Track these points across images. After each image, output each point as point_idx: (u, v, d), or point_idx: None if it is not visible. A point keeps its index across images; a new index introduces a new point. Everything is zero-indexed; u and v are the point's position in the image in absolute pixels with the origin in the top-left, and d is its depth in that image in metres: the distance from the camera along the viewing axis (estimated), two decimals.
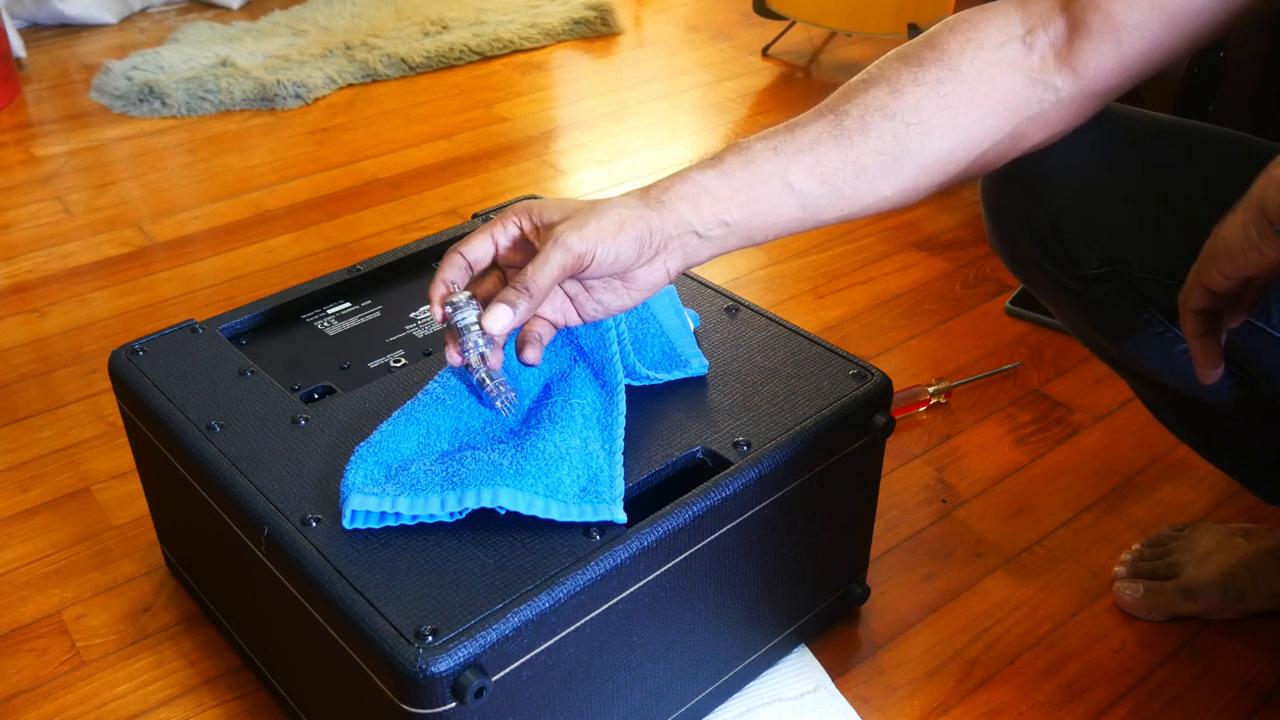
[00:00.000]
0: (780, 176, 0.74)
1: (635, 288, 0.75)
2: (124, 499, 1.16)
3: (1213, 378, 0.73)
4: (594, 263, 0.70)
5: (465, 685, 0.66)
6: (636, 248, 0.71)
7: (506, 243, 0.75)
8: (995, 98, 0.74)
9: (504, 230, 0.74)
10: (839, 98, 0.76)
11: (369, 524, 0.75)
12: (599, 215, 0.71)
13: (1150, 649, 0.97)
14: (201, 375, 0.91)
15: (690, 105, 2.11)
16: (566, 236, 0.70)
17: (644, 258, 0.72)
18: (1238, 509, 1.12)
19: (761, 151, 0.74)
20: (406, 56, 2.26)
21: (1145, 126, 0.82)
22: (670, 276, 0.75)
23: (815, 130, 0.74)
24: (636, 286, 0.75)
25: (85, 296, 1.52)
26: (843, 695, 0.93)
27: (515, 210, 0.74)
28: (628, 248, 0.71)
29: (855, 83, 0.76)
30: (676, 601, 0.80)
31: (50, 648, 0.99)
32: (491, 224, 0.74)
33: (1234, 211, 0.64)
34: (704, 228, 0.74)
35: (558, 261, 0.70)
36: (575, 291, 0.76)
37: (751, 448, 0.82)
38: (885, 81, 0.75)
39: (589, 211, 0.71)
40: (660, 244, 0.73)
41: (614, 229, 0.70)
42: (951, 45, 0.75)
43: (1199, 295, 0.69)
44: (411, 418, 0.80)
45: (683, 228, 0.73)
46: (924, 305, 1.47)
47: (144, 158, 1.91)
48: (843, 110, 0.75)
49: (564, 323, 0.77)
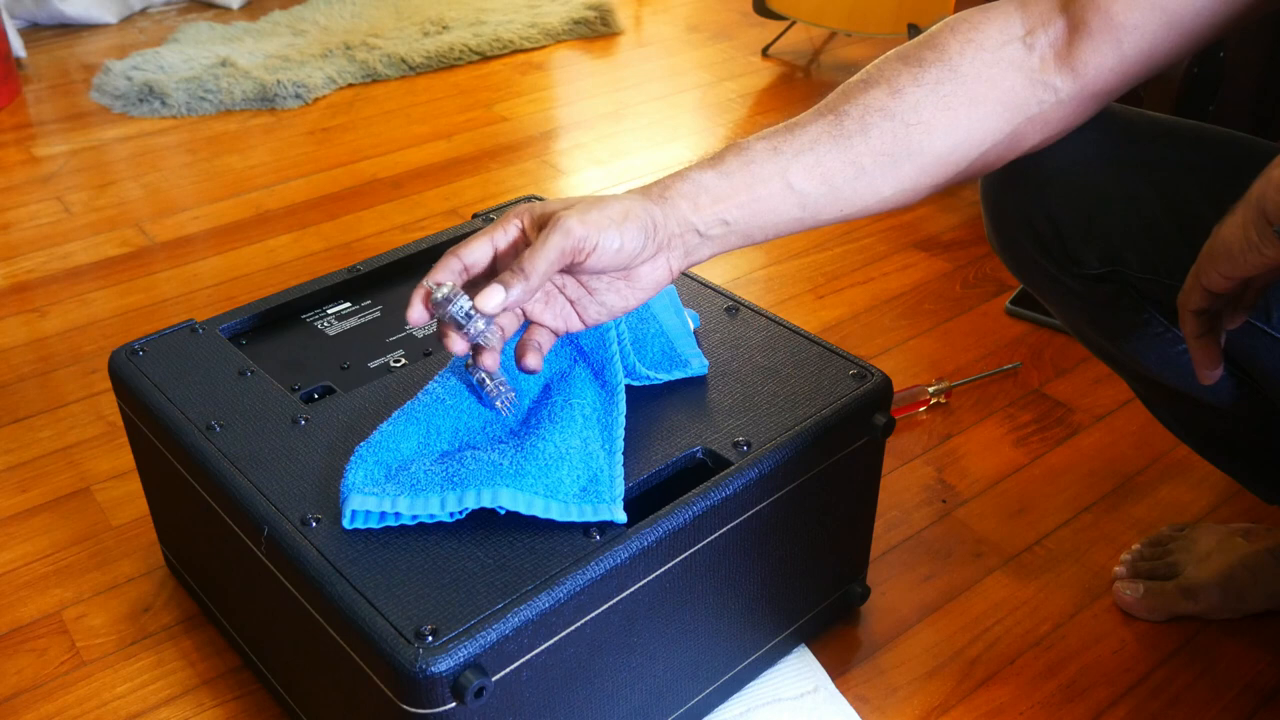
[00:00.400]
0: (780, 176, 0.73)
1: (639, 286, 0.75)
2: (124, 499, 1.16)
3: (1212, 378, 0.73)
4: (597, 249, 0.69)
5: (465, 685, 0.66)
6: (642, 238, 0.71)
7: (505, 246, 0.74)
8: (995, 98, 0.74)
9: (504, 233, 0.73)
10: (838, 98, 0.76)
11: (369, 524, 0.75)
12: (602, 205, 0.70)
13: (1150, 649, 0.97)
14: (201, 375, 0.91)
15: (690, 105, 2.11)
16: (567, 220, 0.69)
17: (648, 251, 0.72)
18: (1238, 509, 1.12)
19: (761, 151, 0.74)
20: (406, 56, 2.26)
21: (1145, 126, 0.82)
22: (673, 274, 0.75)
23: (815, 130, 0.74)
24: (640, 285, 0.75)
25: (85, 296, 1.52)
26: (843, 695, 0.93)
27: (515, 212, 0.74)
28: (633, 237, 0.70)
29: (855, 83, 0.76)
30: (676, 601, 0.80)
31: (50, 648, 0.99)
32: (491, 227, 0.74)
33: (1233, 212, 0.64)
34: (704, 226, 0.74)
35: (556, 245, 0.68)
36: (578, 295, 0.76)
37: (751, 448, 0.82)
38: (885, 82, 0.75)
39: (593, 202, 0.71)
40: (664, 239, 0.72)
41: (618, 218, 0.70)
42: (951, 45, 0.75)
43: (1198, 296, 0.69)
44: (411, 418, 0.80)
45: (684, 226, 0.73)
46: (924, 305, 1.47)
47: (144, 158, 1.91)
48: (842, 110, 0.75)
49: (565, 328, 0.77)
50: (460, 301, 0.71)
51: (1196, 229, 0.69)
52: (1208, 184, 0.77)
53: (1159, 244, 0.78)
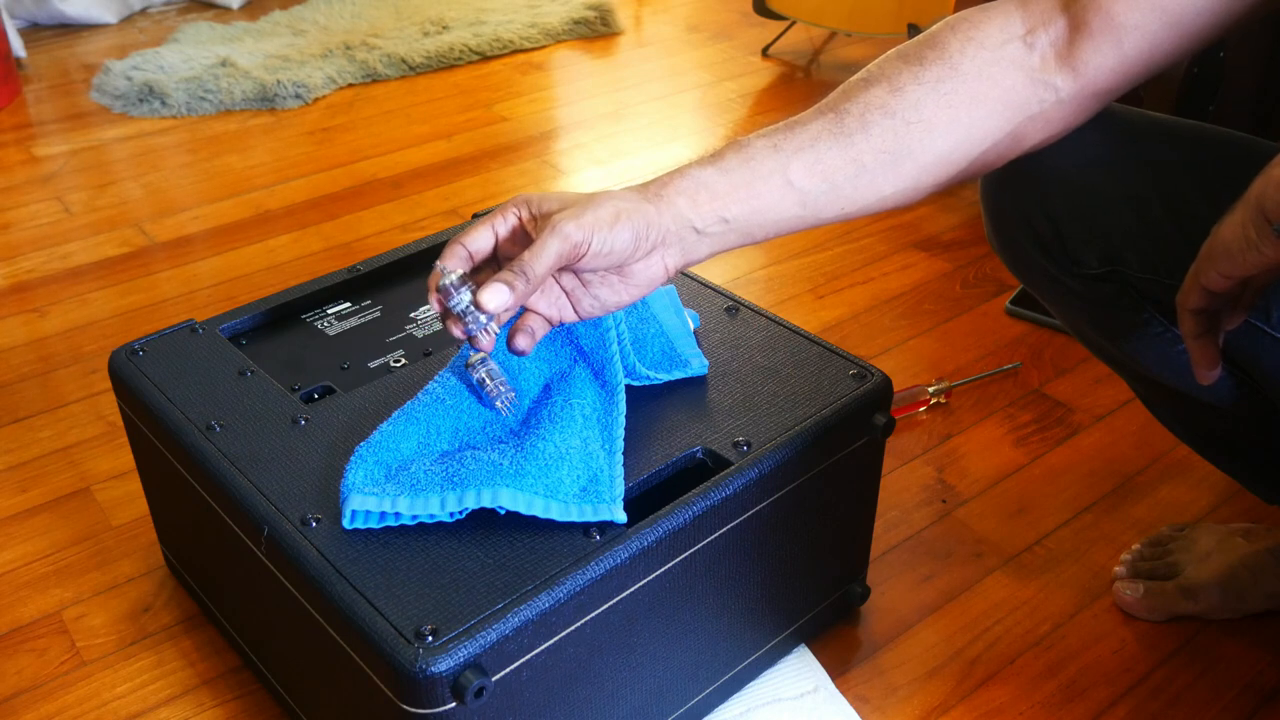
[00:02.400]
0: (780, 173, 0.74)
1: (633, 283, 0.75)
2: (124, 499, 1.16)
3: (1210, 378, 0.73)
4: (589, 252, 0.70)
5: (465, 685, 0.66)
6: (633, 240, 0.71)
7: (505, 233, 0.75)
8: (996, 97, 0.74)
9: (503, 221, 0.74)
10: (839, 96, 0.76)
11: (369, 524, 0.75)
12: (596, 205, 0.71)
13: (1150, 649, 0.97)
14: (201, 375, 0.91)
15: (690, 105, 2.11)
16: (564, 225, 0.70)
17: (640, 251, 0.72)
18: (1238, 509, 1.12)
19: (761, 149, 0.74)
20: (406, 56, 2.26)
21: (1145, 126, 0.82)
22: (669, 273, 0.75)
23: (816, 128, 0.74)
24: (634, 282, 0.75)
25: (85, 296, 1.52)
26: (843, 695, 0.93)
27: (514, 201, 0.74)
28: (623, 239, 0.71)
29: (856, 81, 0.76)
30: (676, 601, 0.80)
31: (50, 648, 0.99)
32: (491, 215, 0.75)
33: (1232, 212, 0.64)
34: (702, 224, 0.74)
35: (554, 249, 0.69)
36: (571, 287, 0.76)
37: (751, 448, 0.82)
38: (886, 80, 0.75)
39: (586, 202, 0.71)
40: (658, 238, 0.73)
41: (609, 219, 0.70)
42: (952, 44, 0.75)
43: (1197, 296, 0.69)
44: (411, 418, 0.80)
45: (681, 223, 0.73)
46: (924, 305, 1.47)
47: (144, 158, 1.91)
48: (843, 109, 0.75)
49: (559, 318, 0.77)
50: (463, 294, 0.72)
51: (1196, 229, 0.69)
52: (1208, 184, 0.77)
53: (1159, 244, 0.78)
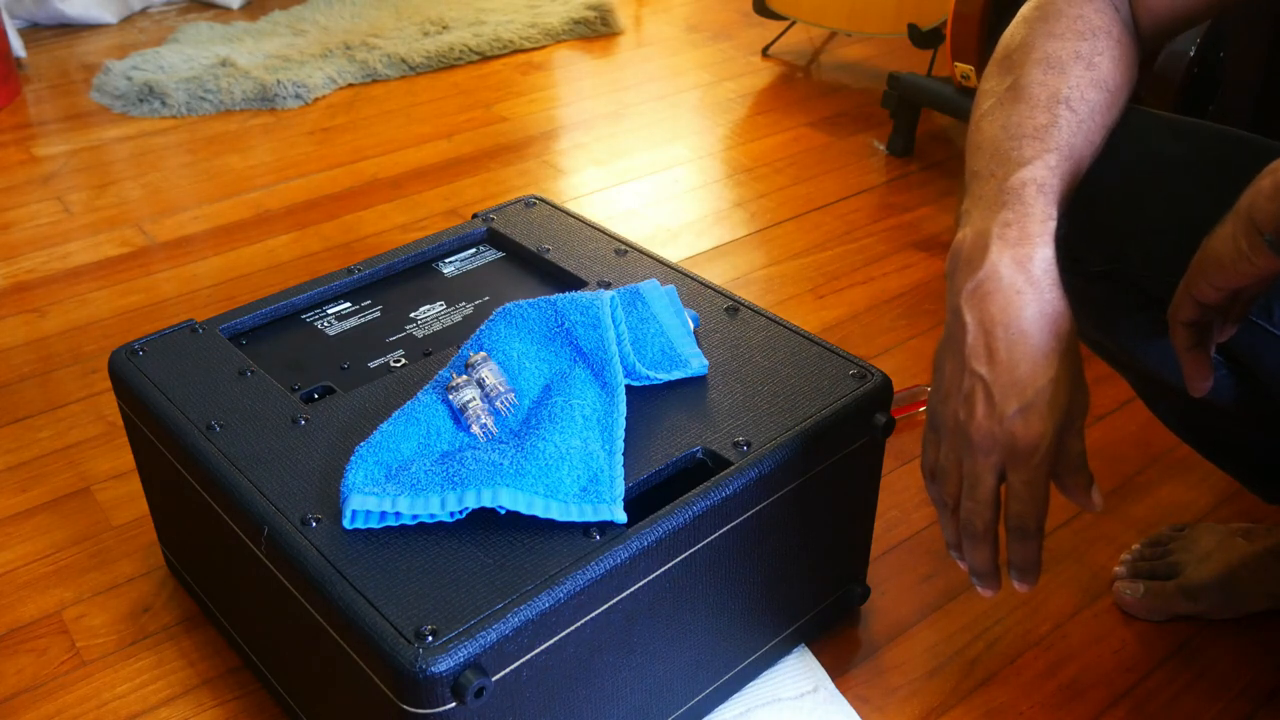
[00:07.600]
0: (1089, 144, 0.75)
1: None
2: (124, 499, 1.16)
3: (1203, 390, 0.73)
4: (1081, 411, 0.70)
5: (465, 685, 0.66)
6: (1077, 355, 0.70)
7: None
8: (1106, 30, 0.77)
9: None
10: (1051, 85, 0.75)
11: (369, 524, 0.75)
12: (1051, 388, 0.68)
13: (1150, 649, 0.97)
14: (201, 375, 0.91)
15: (690, 105, 2.11)
16: (1074, 456, 0.71)
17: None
18: (1238, 509, 1.12)
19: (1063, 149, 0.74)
20: (406, 56, 2.26)
21: (1149, 125, 0.82)
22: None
23: (1065, 127, 0.74)
24: None
25: (85, 296, 1.52)
26: (843, 695, 0.93)
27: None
28: (1077, 370, 0.70)
29: (1040, 65, 0.76)
30: (676, 601, 0.80)
31: (50, 648, 0.99)
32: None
33: (1223, 223, 0.64)
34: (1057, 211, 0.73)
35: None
36: None
37: (751, 448, 0.82)
38: (1071, 62, 0.76)
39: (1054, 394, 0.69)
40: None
41: (1074, 385, 0.69)
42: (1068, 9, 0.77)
43: (1189, 308, 0.69)
44: (412, 417, 0.80)
45: (1043, 212, 0.72)
46: (924, 305, 1.47)
47: (144, 158, 1.91)
48: (1064, 97, 0.75)
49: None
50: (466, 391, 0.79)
51: (1199, 228, 0.69)
52: (1211, 183, 0.77)
53: (1162, 242, 0.78)
